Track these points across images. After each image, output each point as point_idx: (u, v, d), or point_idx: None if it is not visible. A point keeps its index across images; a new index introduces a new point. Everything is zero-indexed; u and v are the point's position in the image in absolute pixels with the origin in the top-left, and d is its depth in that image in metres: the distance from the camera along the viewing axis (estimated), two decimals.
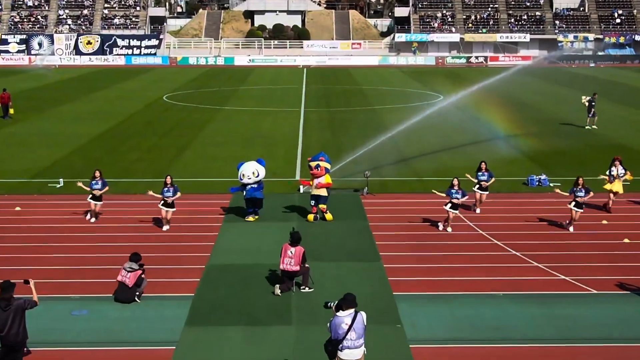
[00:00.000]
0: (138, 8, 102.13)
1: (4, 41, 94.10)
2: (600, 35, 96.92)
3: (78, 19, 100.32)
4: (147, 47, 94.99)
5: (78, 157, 33.18)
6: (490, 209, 24.01)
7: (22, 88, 61.76)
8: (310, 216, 22.94)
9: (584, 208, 22.23)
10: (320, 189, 22.73)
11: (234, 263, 19.20)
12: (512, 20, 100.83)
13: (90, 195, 22.86)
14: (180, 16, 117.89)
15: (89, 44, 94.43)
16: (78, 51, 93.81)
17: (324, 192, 22.74)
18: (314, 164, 22.78)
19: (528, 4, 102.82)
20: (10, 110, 45.02)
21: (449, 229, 21.88)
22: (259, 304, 16.43)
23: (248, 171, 22.76)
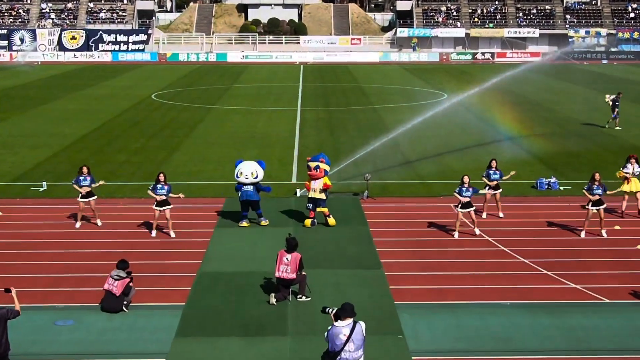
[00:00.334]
0: (125, 1, 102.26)
1: None
2: (613, 31, 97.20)
3: (62, 13, 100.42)
4: (135, 43, 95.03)
5: (62, 159, 33.20)
6: (497, 213, 24.07)
7: (3, 86, 61.79)
8: (307, 221, 22.97)
9: (605, 204, 22.20)
10: (318, 192, 22.68)
11: (227, 270, 19.23)
12: (521, 14, 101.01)
13: (79, 195, 22.80)
14: (170, 10, 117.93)
15: (74, 39, 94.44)
16: (62, 47, 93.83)
17: (322, 195, 22.75)
18: (314, 165, 22.76)
19: None
20: None
21: (455, 234, 21.96)
22: (253, 313, 16.46)
23: (247, 170, 22.71)
